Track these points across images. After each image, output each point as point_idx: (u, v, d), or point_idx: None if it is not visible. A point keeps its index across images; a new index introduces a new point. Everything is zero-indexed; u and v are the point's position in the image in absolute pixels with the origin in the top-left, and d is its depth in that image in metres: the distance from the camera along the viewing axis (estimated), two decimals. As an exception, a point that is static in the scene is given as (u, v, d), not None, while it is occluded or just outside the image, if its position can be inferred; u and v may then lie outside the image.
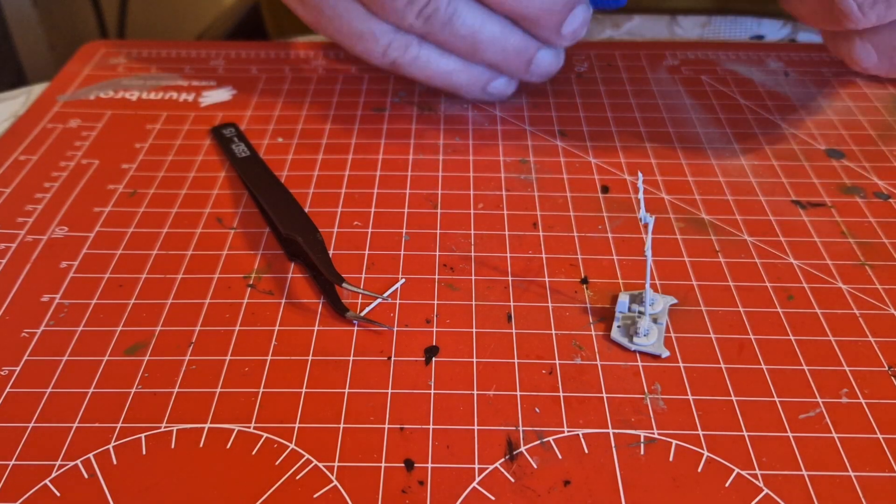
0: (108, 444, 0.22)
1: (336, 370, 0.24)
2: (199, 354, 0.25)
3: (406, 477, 0.21)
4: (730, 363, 0.24)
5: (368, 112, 0.37)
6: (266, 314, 0.26)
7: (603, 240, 0.29)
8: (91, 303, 0.27)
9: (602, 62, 0.42)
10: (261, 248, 0.29)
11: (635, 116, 0.37)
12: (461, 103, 0.38)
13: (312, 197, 0.32)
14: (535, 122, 0.37)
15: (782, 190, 0.32)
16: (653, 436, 0.22)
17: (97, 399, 0.23)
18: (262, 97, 0.39)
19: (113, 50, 0.43)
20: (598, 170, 0.33)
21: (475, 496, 0.21)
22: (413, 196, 0.32)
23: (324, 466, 0.21)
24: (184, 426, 0.23)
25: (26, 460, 0.22)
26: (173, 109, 0.38)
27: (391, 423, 0.23)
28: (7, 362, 0.25)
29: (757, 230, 0.30)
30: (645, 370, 0.24)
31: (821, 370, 0.24)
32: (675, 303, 0.26)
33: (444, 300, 0.27)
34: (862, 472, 0.21)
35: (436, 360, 0.25)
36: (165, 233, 0.30)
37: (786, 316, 0.26)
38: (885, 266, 0.28)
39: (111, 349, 0.25)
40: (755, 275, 0.28)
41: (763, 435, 0.22)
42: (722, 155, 0.34)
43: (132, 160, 0.34)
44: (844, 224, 0.30)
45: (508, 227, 0.30)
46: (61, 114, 0.37)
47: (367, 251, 0.29)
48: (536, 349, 0.25)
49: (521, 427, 0.23)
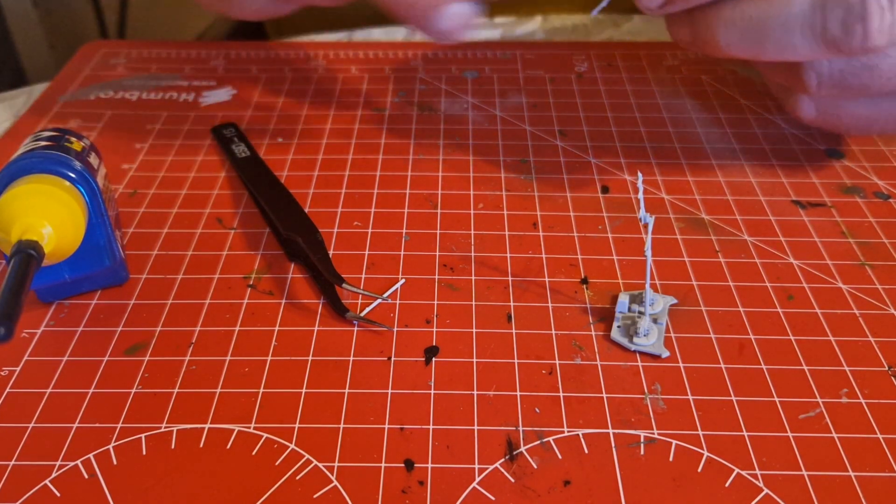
0: (108, 444, 0.22)
1: (336, 370, 0.24)
2: (199, 354, 0.25)
3: (406, 477, 0.21)
4: (730, 363, 0.24)
5: (368, 112, 0.37)
6: (266, 314, 0.26)
7: (603, 240, 0.29)
8: (91, 303, 0.27)
9: (602, 62, 0.42)
10: (261, 249, 0.29)
11: (635, 116, 0.37)
12: (461, 103, 0.38)
13: (312, 197, 0.32)
14: (535, 122, 0.37)
15: (782, 190, 0.32)
16: (653, 436, 0.22)
17: (97, 399, 0.23)
18: (262, 97, 0.39)
19: (113, 50, 0.43)
20: (598, 170, 0.33)
21: (475, 496, 0.21)
22: (413, 196, 0.32)
23: (324, 466, 0.21)
24: (184, 426, 0.23)
25: (26, 460, 0.22)
26: (173, 109, 0.38)
27: (391, 423, 0.23)
28: (7, 362, 0.25)
29: (757, 230, 0.30)
30: (645, 370, 0.24)
31: (821, 370, 0.24)
32: (675, 303, 0.26)
33: (444, 300, 0.27)
34: (862, 472, 0.21)
35: (436, 361, 0.25)
36: (165, 233, 0.30)
37: (786, 316, 0.26)
38: (885, 266, 0.28)
39: (111, 349, 0.25)
40: (755, 275, 0.28)
41: (763, 435, 0.22)
42: (722, 155, 0.34)
43: (132, 160, 0.34)
44: (844, 224, 0.30)
45: (508, 227, 0.30)
46: (61, 114, 0.37)
47: (367, 251, 0.29)
48: (536, 349, 0.25)
49: (521, 427, 0.23)
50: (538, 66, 0.41)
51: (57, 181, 0.24)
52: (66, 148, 0.25)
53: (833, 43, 0.25)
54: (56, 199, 0.23)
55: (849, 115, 0.30)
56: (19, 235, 0.22)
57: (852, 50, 0.25)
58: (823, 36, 0.25)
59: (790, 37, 0.25)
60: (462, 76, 0.40)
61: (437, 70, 0.41)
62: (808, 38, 0.25)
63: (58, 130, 0.27)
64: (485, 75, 0.40)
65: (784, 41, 0.26)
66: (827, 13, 0.25)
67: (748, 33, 0.26)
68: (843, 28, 0.25)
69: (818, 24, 0.25)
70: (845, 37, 0.25)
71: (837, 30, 0.25)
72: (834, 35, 0.25)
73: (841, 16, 0.24)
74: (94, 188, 0.25)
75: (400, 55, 0.42)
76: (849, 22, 0.24)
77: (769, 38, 0.26)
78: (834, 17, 0.25)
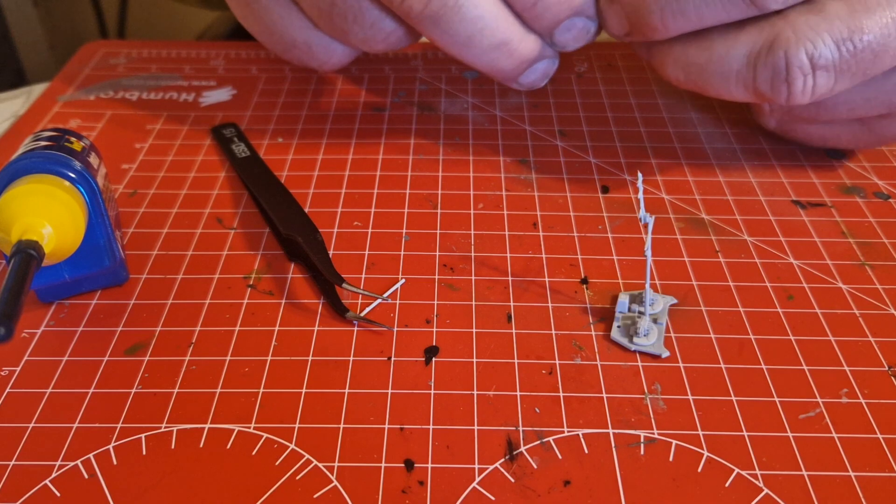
0: (108, 444, 0.22)
1: (336, 370, 0.24)
2: (199, 354, 0.25)
3: (406, 477, 0.21)
4: (730, 363, 0.24)
5: (368, 112, 0.37)
6: (266, 314, 0.26)
7: (603, 240, 0.29)
8: (91, 303, 0.27)
9: (602, 62, 0.42)
10: (261, 249, 0.29)
11: (635, 116, 0.37)
12: (461, 103, 0.38)
13: (312, 197, 0.32)
14: (535, 122, 0.37)
15: (782, 190, 0.32)
16: (653, 436, 0.22)
17: (97, 399, 0.23)
18: (262, 97, 0.39)
19: (113, 50, 0.43)
20: (598, 170, 0.33)
21: (475, 496, 0.21)
22: (413, 196, 0.32)
23: (324, 466, 0.21)
24: (184, 426, 0.23)
25: (26, 460, 0.22)
26: (173, 109, 0.38)
27: (391, 423, 0.23)
28: (7, 362, 0.25)
29: (757, 230, 0.30)
30: (645, 370, 0.24)
31: (821, 370, 0.24)
32: (675, 303, 0.26)
33: (444, 300, 0.27)
34: (862, 472, 0.21)
35: (436, 360, 0.25)
36: (165, 233, 0.30)
37: (786, 316, 0.26)
38: (885, 266, 0.28)
39: (111, 349, 0.25)
40: (755, 275, 0.28)
41: (763, 435, 0.22)
42: (722, 155, 0.34)
43: (132, 160, 0.34)
44: (844, 224, 0.30)
45: (508, 227, 0.30)
46: (61, 114, 0.37)
47: (367, 251, 0.29)
48: (536, 349, 0.25)
49: (521, 427, 0.23)
50: (538, 66, 0.41)
51: (57, 181, 0.24)
52: (66, 148, 0.25)
53: (762, 95, 0.27)
54: (56, 199, 0.23)
55: (804, 133, 0.33)
56: (19, 235, 0.22)
57: (780, 104, 0.28)
58: (755, 90, 0.27)
59: (727, 85, 0.28)
60: (462, 76, 0.40)
61: (437, 70, 0.41)
62: (741, 88, 0.27)
63: (58, 130, 0.27)
64: (485, 75, 0.40)
65: (722, 87, 0.28)
66: (757, 72, 0.27)
67: (692, 74, 0.29)
68: (770, 87, 0.27)
69: (750, 80, 0.27)
70: (773, 94, 0.27)
71: (766, 87, 0.27)
72: (763, 91, 0.27)
73: (769, 76, 0.26)
74: (94, 188, 0.25)
75: (400, 55, 0.42)
76: (775, 83, 0.26)
77: (709, 82, 0.28)
78: (762, 77, 0.27)
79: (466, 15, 0.28)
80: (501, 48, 0.29)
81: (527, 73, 0.31)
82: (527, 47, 0.30)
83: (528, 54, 0.30)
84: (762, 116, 0.34)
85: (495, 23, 0.29)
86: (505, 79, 0.31)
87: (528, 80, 0.31)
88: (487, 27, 0.28)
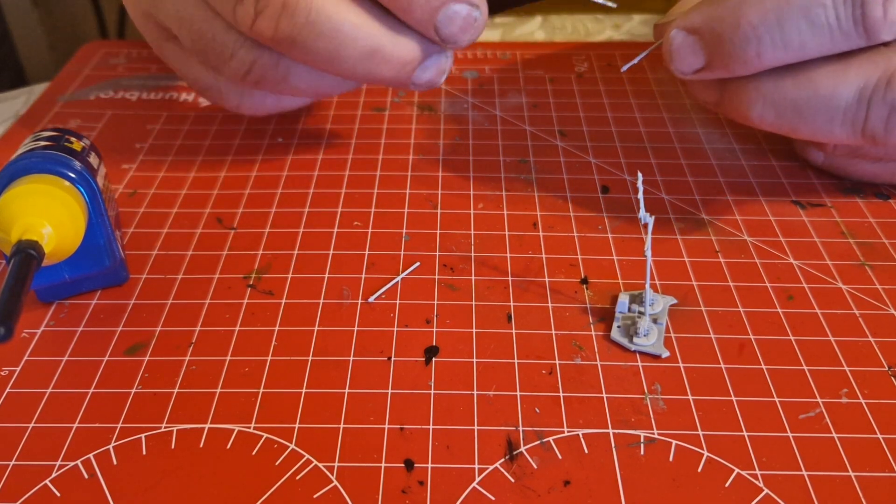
0: (108, 444, 0.22)
1: (336, 370, 0.24)
2: (199, 354, 0.25)
3: (406, 477, 0.21)
4: (730, 363, 0.24)
5: (368, 112, 0.37)
6: (266, 314, 0.26)
7: (603, 240, 0.29)
8: (91, 303, 0.27)
9: (602, 62, 0.42)
10: (261, 249, 0.29)
11: (635, 116, 0.37)
12: (461, 103, 0.38)
13: (312, 197, 0.32)
14: (535, 122, 0.37)
15: (782, 190, 0.32)
16: (653, 436, 0.22)
17: (97, 399, 0.23)
18: (262, 97, 0.39)
19: (113, 50, 0.43)
20: (598, 170, 0.33)
21: (475, 496, 0.21)
22: (413, 196, 0.32)
23: (324, 466, 0.21)
24: (184, 426, 0.23)
25: (26, 460, 0.22)
26: (173, 109, 0.38)
27: (391, 423, 0.23)
28: (7, 362, 0.25)
29: (757, 230, 0.30)
30: (645, 370, 0.24)
31: (821, 370, 0.24)
32: (675, 303, 0.26)
33: (444, 300, 0.27)
34: (862, 472, 0.21)
35: (436, 360, 0.25)
36: (165, 233, 0.30)
37: (786, 316, 0.26)
38: (885, 266, 0.28)
39: (111, 349, 0.25)
40: (755, 275, 0.28)
41: (763, 435, 0.22)
42: (722, 155, 0.34)
43: (132, 160, 0.34)
44: (844, 224, 0.30)
45: (508, 227, 0.30)
46: (61, 114, 0.37)
47: (367, 251, 0.29)
48: (536, 349, 0.25)
49: (521, 427, 0.23)
50: (538, 66, 0.41)
51: (57, 181, 0.24)
52: (66, 148, 0.25)
53: (872, 136, 0.26)
54: (56, 199, 0.23)
55: (858, 170, 0.31)
56: (19, 235, 0.22)
57: (888, 144, 0.26)
58: (864, 129, 0.26)
59: (830, 125, 0.26)
60: (462, 76, 0.40)
61: (437, 70, 0.41)
62: (847, 128, 0.26)
63: (58, 130, 0.27)
64: (485, 75, 0.40)
65: (823, 127, 0.26)
66: (871, 110, 0.25)
67: (786, 113, 0.26)
68: (884, 126, 0.25)
69: (860, 119, 0.25)
70: (885, 134, 0.25)
71: (879, 127, 0.25)
72: (874, 130, 0.25)
73: (884, 115, 0.25)
74: (94, 188, 0.25)
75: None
76: (891, 122, 0.25)
77: (807, 121, 0.26)
78: (877, 115, 0.25)
79: (322, 30, 0.26)
80: (373, 56, 0.27)
81: (417, 73, 0.28)
82: (403, 49, 0.27)
83: (407, 56, 0.27)
84: (809, 150, 0.32)
85: (356, 32, 0.26)
86: (394, 85, 0.29)
87: (421, 81, 0.28)
88: (349, 38, 0.26)
